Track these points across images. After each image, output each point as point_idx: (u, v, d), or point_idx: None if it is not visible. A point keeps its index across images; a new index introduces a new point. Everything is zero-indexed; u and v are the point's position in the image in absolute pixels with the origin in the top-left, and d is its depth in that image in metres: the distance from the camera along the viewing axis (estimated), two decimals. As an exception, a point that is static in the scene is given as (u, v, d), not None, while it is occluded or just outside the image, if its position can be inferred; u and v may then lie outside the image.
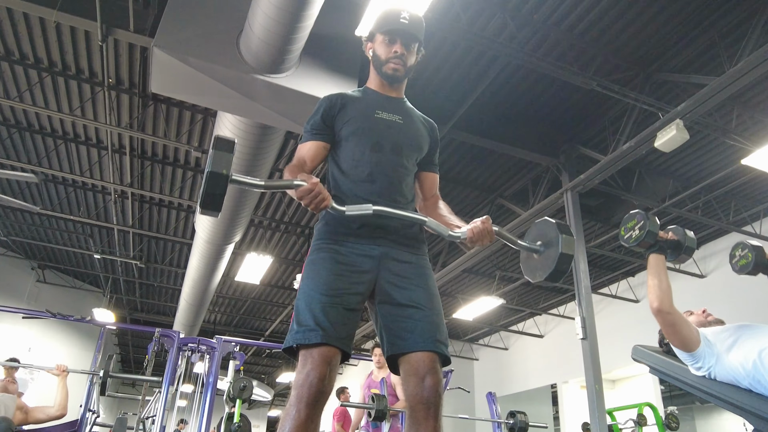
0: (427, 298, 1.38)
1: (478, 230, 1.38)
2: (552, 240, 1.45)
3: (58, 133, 6.42)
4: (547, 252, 1.46)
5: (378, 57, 1.56)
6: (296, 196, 1.26)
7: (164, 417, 4.93)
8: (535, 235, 1.54)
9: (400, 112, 1.57)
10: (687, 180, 6.49)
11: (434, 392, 1.26)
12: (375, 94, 1.59)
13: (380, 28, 1.56)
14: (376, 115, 1.52)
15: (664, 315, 1.89)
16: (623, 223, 2.06)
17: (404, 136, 1.53)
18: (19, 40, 5.07)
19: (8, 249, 9.95)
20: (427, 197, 1.63)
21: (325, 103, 1.54)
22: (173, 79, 3.99)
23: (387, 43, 1.54)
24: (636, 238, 1.97)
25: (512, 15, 4.42)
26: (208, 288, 8.25)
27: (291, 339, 1.27)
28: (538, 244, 1.50)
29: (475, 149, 6.11)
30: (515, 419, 5.39)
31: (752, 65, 4.07)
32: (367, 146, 1.48)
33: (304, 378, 1.21)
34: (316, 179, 1.26)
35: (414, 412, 1.26)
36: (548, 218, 1.51)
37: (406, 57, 1.54)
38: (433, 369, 1.28)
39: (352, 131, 1.50)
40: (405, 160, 1.52)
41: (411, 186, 1.56)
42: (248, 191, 5.65)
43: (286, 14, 3.36)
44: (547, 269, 1.43)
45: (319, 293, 1.30)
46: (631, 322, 8.62)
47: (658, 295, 1.90)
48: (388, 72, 1.54)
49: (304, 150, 1.51)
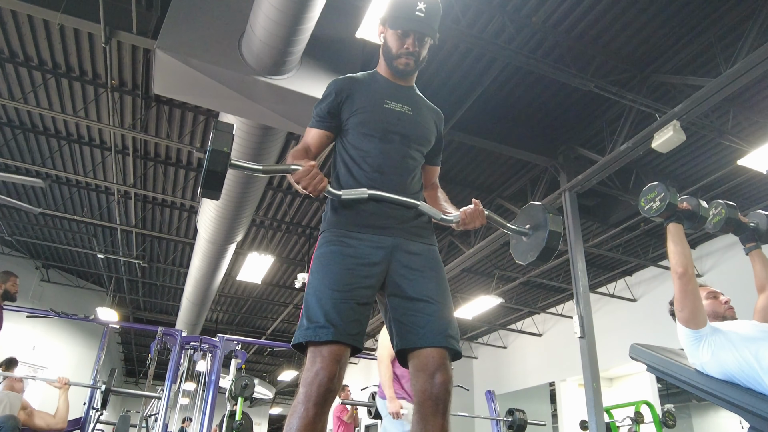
0: (438, 292, 1.35)
1: (470, 212, 1.43)
2: (540, 221, 1.50)
3: (62, 134, 6.47)
4: (537, 233, 1.51)
5: (389, 49, 1.51)
6: (293, 179, 1.28)
7: (167, 415, 5.00)
8: (523, 220, 1.59)
9: (410, 102, 1.55)
10: (684, 180, 6.53)
11: (444, 389, 1.24)
12: (385, 81, 1.55)
13: (393, 18, 1.48)
14: (386, 106, 1.49)
15: (688, 278, 1.90)
16: (642, 195, 2.10)
17: (413, 128, 1.51)
18: (23, 42, 5.12)
19: (13, 248, 10.01)
20: (427, 186, 1.65)
21: (332, 90, 1.50)
22: (176, 81, 4.02)
23: (399, 37, 1.48)
24: (657, 209, 2.02)
25: (511, 17, 4.46)
26: (210, 287, 8.30)
27: (301, 335, 1.24)
28: (527, 227, 1.55)
29: (474, 150, 6.16)
30: (514, 417, 5.45)
31: (748, 67, 4.09)
32: (376, 137, 1.46)
33: (313, 377, 1.18)
34: (312, 162, 1.28)
35: (422, 407, 1.24)
36: (534, 202, 1.56)
37: (419, 52, 1.50)
38: (444, 366, 1.26)
39: (361, 121, 1.47)
40: (413, 151, 1.50)
41: (419, 178, 1.54)
42: (249, 191, 5.71)
43: (287, 16, 3.39)
44: (538, 248, 1.47)
45: (330, 288, 1.27)
46: (628, 320, 8.67)
47: (682, 260, 1.93)
48: (399, 67, 1.52)
49: (309, 136, 1.50)
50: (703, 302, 2.17)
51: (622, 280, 9.18)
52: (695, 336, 1.91)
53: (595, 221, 7.05)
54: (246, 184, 5.47)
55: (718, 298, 2.17)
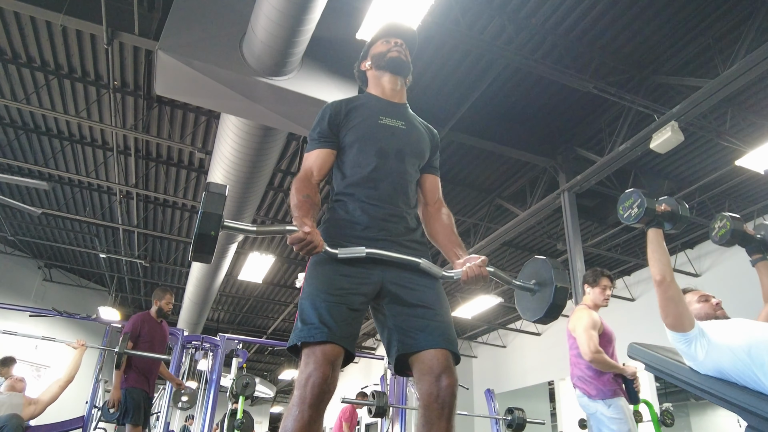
0: (436, 300, 1.37)
1: (473, 274, 1.36)
2: (545, 277, 1.45)
3: (64, 135, 6.51)
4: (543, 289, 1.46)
5: (378, 54, 1.60)
6: (288, 242, 1.25)
7: (168, 413, 5.04)
8: (528, 274, 1.53)
9: (403, 118, 1.57)
10: (682, 181, 6.56)
11: (450, 392, 1.24)
12: (378, 100, 1.59)
13: (376, 38, 1.63)
14: (380, 122, 1.52)
15: (667, 285, 1.91)
16: (620, 203, 2.08)
17: (407, 143, 1.53)
18: (26, 44, 5.15)
19: (15, 248, 10.06)
20: (430, 202, 1.61)
21: (330, 110, 1.53)
22: (177, 82, 4.03)
23: (384, 42, 1.61)
24: (636, 215, 2.01)
25: (510, 18, 4.49)
26: (211, 287, 8.34)
27: (295, 337, 1.25)
28: (532, 283, 1.50)
29: (474, 150, 6.18)
30: (513, 415, 5.47)
31: (746, 68, 4.11)
32: (372, 152, 1.48)
33: (307, 378, 1.18)
34: (309, 227, 1.25)
35: (428, 411, 1.23)
36: (538, 257, 1.53)
37: (405, 50, 1.59)
38: (449, 368, 1.26)
39: (357, 137, 1.49)
40: (408, 166, 1.52)
41: (414, 192, 1.56)
42: (250, 192, 5.74)
43: (288, 18, 3.40)
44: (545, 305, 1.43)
45: (325, 293, 1.29)
46: (626, 320, 8.65)
47: (661, 268, 1.93)
48: (392, 57, 1.57)
49: (311, 159, 1.49)
50: (695, 306, 2.19)
51: (621, 280, 9.21)
52: (684, 339, 1.92)
53: (594, 221, 7.08)
54: (247, 184, 5.50)
55: (710, 301, 2.19)
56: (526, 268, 1.56)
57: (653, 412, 6.01)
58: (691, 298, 2.24)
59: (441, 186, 1.69)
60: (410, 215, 1.51)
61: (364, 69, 1.66)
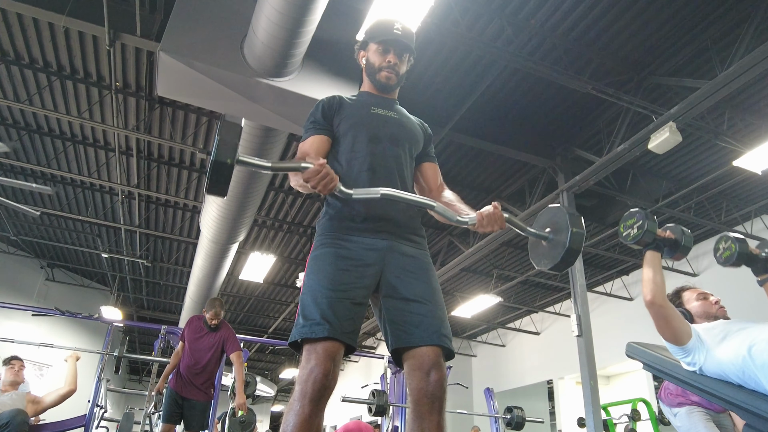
0: (431, 293, 1.38)
1: (488, 215, 1.36)
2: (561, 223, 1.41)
3: (66, 136, 6.54)
4: (558, 236, 1.42)
5: (372, 65, 1.61)
6: (303, 178, 1.25)
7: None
8: (545, 221, 1.50)
9: (394, 110, 1.62)
10: (680, 181, 6.59)
11: (439, 387, 1.26)
12: (369, 95, 1.64)
13: (374, 37, 1.61)
14: (372, 111, 1.57)
15: (657, 308, 1.92)
16: (622, 221, 2.06)
17: (400, 129, 1.57)
18: (28, 45, 5.18)
19: (18, 248, 10.11)
20: (433, 188, 1.63)
21: (323, 102, 1.58)
22: (179, 83, 4.04)
23: (381, 53, 1.60)
24: (634, 236, 1.98)
25: (509, 20, 4.51)
26: (212, 286, 8.37)
27: (297, 333, 1.26)
28: (547, 231, 1.46)
29: (473, 151, 6.22)
30: (512, 414, 5.52)
31: (743, 69, 4.14)
32: (365, 139, 1.50)
33: (308, 374, 1.20)
34: (323, 160, 1.26)
35: (418, 405, 1.26)
36: (562, 206, 1.48)
37: (399, 66, 1.61)
38: (438, 363, 1.28)
39: (350, 125, 1.53)
40: (402, 150, 1.54)
41: (410, 178, 1.57)
42: (251, 192, 5.78)
43: (289, 19, 3.42)
44: (561, 250, 1.39)
45: (326, 288, 1.30)
46: (625, 319, 8.72)
47: (652, 288, 1.93)
48: (381, 80, 1.60)
49: (306, 145, 1.50)
50: (693, 303, 2.21)
51: (619, 280, 9.25)
52: (683, 351, 1.94)
53: (593, 221, 7.11)
54: (248, 184, 5.53)
55: (708, 299, 2.19)
56: (540, 218, 1.52)
57: (651, 410, 6.05)
58: (690, 296, 2.25)
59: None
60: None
61: (360, 63, 1.69)
